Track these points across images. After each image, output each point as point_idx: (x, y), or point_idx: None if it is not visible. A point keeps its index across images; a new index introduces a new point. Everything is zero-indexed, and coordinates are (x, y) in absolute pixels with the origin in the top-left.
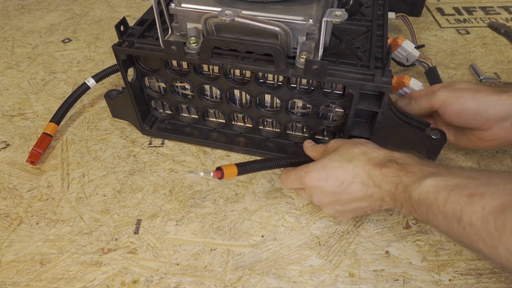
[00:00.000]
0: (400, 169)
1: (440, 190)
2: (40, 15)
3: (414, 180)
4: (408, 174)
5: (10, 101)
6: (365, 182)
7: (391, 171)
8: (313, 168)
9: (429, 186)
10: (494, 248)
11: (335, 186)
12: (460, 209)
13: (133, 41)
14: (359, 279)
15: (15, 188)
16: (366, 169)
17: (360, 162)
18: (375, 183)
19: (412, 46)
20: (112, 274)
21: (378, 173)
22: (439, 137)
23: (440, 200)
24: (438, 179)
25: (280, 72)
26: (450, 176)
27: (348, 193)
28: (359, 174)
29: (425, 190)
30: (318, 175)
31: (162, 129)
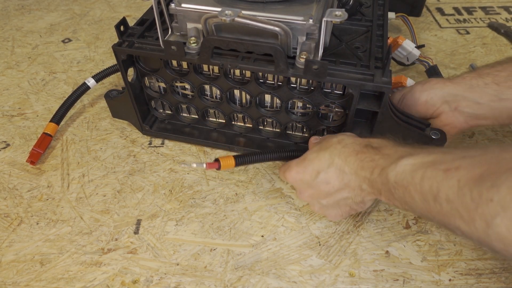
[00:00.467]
0: (375, 153)
1: (417, 169)
2: (40, 15)
3: (390, 161)
4: (384, 157)
5: (10, 101)
6: (341, 169)
7: (367, 156)
8: (294, 162)
9: (405, 165)
10: (471, 222)
11: (312, 177)
12: (436, 185)
13: (133, 41)
14: (359, 279)
15: (15, 188)
16: (342, 156)
17: (335, 150)
18: (351, 169)
19: (412, 46)
20: (112, 274)
21: (354, 159)
22: (439, 137)
23: (416, 179)
24: (414, 157)
25: (280, 72)
26: (426, 154)
27: (325, 183)
28: (334, 161)
29: (401, 170)
30: (297, 167)
31: (162, 129)
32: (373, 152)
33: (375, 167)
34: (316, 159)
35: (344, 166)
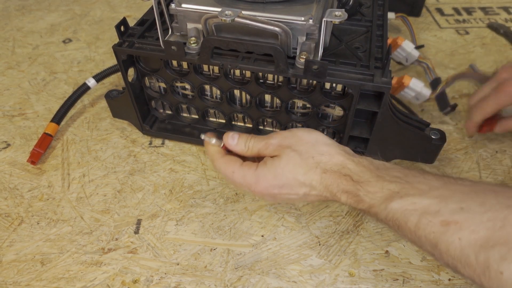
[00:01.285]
0: (357, 188)
1: (409, 214)
2: (40, 16)
3: (378, 202)
4: (368, 195)
5: (11, 101)
6: (324, 194)
7: (349, 189)
8: (263, 177)
9: (395, 210)
10: (476, 277)
11: (290, 196)
12: (434, 237)
13: (134, 41)
14: (359, 279)
15: (15, 188)
16: (324, 183)
17: (315, 175)
18: (333, 195)
19: (411, 47)
20: (113, 274)
21: (336, 188)
22: (439, 137)
23: (410, 225)
24: (404, 201)
25: (280, 72)
26: (417, 196)
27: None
28: (315, 187)
29: (392, 213)
30: (270, 187)
31: (162, 129)
32: (355, 186)
33: (361, 202)
34: (294, 182)
35: (323, 191)
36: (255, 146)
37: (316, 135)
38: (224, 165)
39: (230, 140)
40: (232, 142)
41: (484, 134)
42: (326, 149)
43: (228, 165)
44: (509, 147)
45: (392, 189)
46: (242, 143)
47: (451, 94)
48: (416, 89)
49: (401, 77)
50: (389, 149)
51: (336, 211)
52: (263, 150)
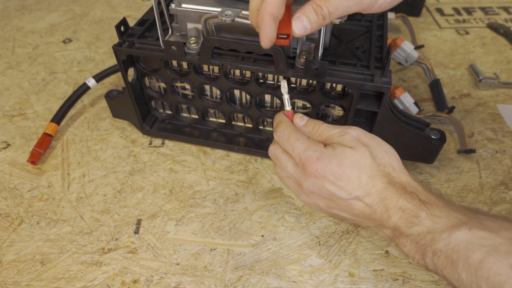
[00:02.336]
0: (421, 208)
1: (474, 249)
2: (40, 16)
3: (441, 228)
4: (432, 218)
5: (11, 101)
6: (374, 206)
7: (410, 207)
8: (327, 159)
9: (460, 240)
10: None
11: (339, 193)
12: (499, 279)
13: (134, 41)
14: (359, 279)
15: (15, 188)
16: (383, 194)
17: (380, 183)
18: (386, 211)
19: (411, 47)
20: (113, 274)
21: (394, 203)
22: (439, 137)
23: (473, 261)
24: (472, 234)
25: (280, 72)
26: (487, 232)
27: (347, 206)
28: (372, 195)
29: (454, 243)
30: (328, 171)
31: (162, 129)
32: (419, 206)
33: (417, 225)
34: (355, 179)
35: (379, 205)
36: (324, 132)
37: (392, 149)
38: (290, 130)
39: (299, 120)
40: (300, 122)
41: (484, 134)
42: (398, 165)
43: (296, 132)
44: (509, 147)
45: (459, 219)
46: (310, 126)
47: (450, 95)
48: (405, 103)
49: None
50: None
51: None
52: (335, 137)
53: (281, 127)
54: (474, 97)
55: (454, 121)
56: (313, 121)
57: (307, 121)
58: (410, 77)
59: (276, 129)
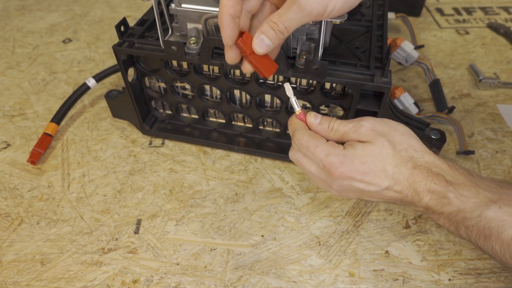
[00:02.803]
0: (449, 189)
1: (506, 226)
2: (40, 16)
3: (471, 207)
4: (460, 198)
5: (11, 101)
6: (404, 192)
7: (438, 188)
8: (349, 161)
9: (491, 218)
10: None
11: (369, 187)
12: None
13: (134, 41)
14: (359, 279)
15: (15, 188)
16: (411, 179)
17: (405, 169)
18: (417, 194)
19: (411, 47)
20: (113, 274)
21: (423, 186)
22: (439, 137)
23: (505, 237)
24: (503, 211)
25: (280, 72)
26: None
27: (379, 195)
28: (400, 182)
29: (485, 221)
30: (354, 172)
31: (162, 129)
32: (447, 188)
33: (447, 204)
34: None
35: (408, 189)
36: (340, 129)
37: (408, 128)
38: (307, 137)
39: (313, 119)
40: (314, 121)
41: (484, 134)
42: (418, 144)
43: (313, 138)
44: (509, 147)
45: (489, 197)
46: (325, 123)
47: (450, 95)
48: (405, 103)
49: (395, 87)
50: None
51: (336, 211)
52: (351, 132)
53: (297, 135)
54: (474, 97)
55: (454, 122)
56: (327, 118)
57: (321, 119)
58: (410, 77)
59: (293, 137)
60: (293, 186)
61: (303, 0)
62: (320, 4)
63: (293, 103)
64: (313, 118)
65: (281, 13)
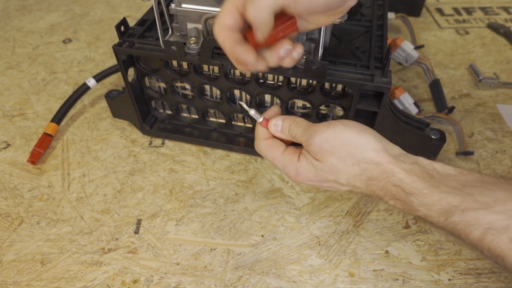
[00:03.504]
0: (410, 199)
1: (472, 228)
2: (40, 16)
3: (435, 214)
4: (424, 206)
5: (11, 101)
6: (369, 193)
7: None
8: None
9: (456, 223)
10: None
11: (333, 188)
12: (501, 251)
13: (134, 42)
14: (359, 279)
15: (16, 188)
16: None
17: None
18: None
19: (411, 47)
20: (113, 274)
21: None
22: (439, 137)
23: (473, 237)
24: (466, 216)
25: (280, 72)
26: (481, 211)
27: (347, 191)
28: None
29: (452, 225)
30: (310, 180)
31: (162, 129)
32: (408, 197)
33: (415, 210)
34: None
35: (363, 189)
36: (298, 137)
37: (365, 137)
38: (265, 149)
39: (274, 128)
40: (275, 129)
41: (484, 134)
42: (373, 156)
43: (270, 150)
44: (509, 147)
45: (451, 202)
46: (286, 131)
47: (450, 95)
48: (405, 103)
49: (394, 87)
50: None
51: (336, 211)
52: (305, 145)
53: (257, 146)
54: (474, 97)
55: (453, 122)
56: (287, 123)
57: (281, 128)
58: (410, 77)
59: (255, 142)
60: (293, 186)
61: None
62: None
63: (253, 116)
64: (273, 128)
65: None
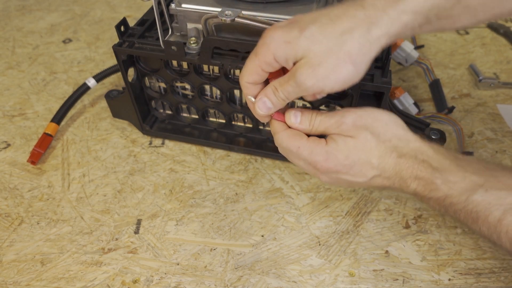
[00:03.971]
0: (436, 176)
1: (492, 209)
2: (40, 16)
3: (459, 192)
4: (447, 184)
5: (11, 101)
6: (392, 179)
7: (425, 175)
8: (333, 156)
9: (477, 202)
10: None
11: (357, 179)
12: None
13: (134, 42)
14: (359, 279)
15: (16, 188)
16: (397, 168)
17: (390, 159)
18: (404, 181)
19: (411, 47)
20: (113, 274)
21: (409, 174)
22: (439, 137)
23: (492, 219)
24: (489, 195)
25: None
26: (504, 191)
27: (367, 184)
28: (387, 171)
29: (472, 205)
30: (339, 166)
31: (162, 129)
32: (433, 174)
33: (435, 190)
34: (366, 165)
35: (395, 177)
36: (321, 124)
37: (394, 117)
38: (288, 139)
39: (293, 119)
40: (295, 120)
41: (484, 134)
42: (403, 132)
43: (293, 139)
44: (509, 147)
45: (475, 181)
46: (306, 121)
47: (450, 95)
48: (405, 104)
49: (394, 87)
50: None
51: (336, 211)
52: (333, 128)
53: (277, 139)
54: (474, 97)
55: (453, 123)
56: (307, 115)
57: (301, 118)
58: (410, 77)
59: (274, 136)
60: (293, 186)
61: (299, 78)
62: (315, 85)
63: None
64: (293, 118)
65: (282, 83)
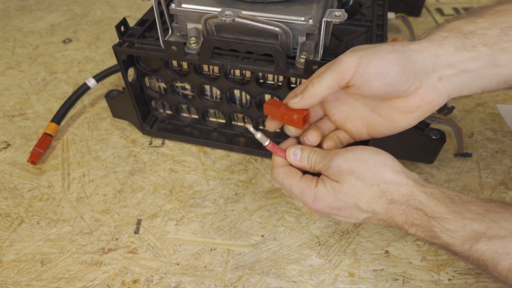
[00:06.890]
0: (433, 225)
1: (499, 258)
2: (40, 16)
3: (459, 241)
4: (446, 232)
5: (11, 101)
6: (388, 220)
7: (421, 223)
8: (321, 199)
9: (483, 251)
10: None
11: (348, 219)
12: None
13: (134, 42)
14: (359, 279)
15: (16, 188)
16: (389, 213)
17: (379, 205)
18: (401, 226)
19: None
20: (113, 274)
21: (404, 221)
22: (439, 137)
23: (501, 268)
24: (493, 244)
25: (280, 72)
26: (509, 238)
27: (363, 222)
28: (379, 213)
29: (478, 254)
30: (327, 208)
31: (162, 129)
32: (429, 222)
33: (435, 238)
34: (355, 209)
35: (389, 219)
36: (317, 164)
37: (384, 158)
38: (283, 176)
39: (293, 157)
40: (294, 158)
41: (484, 134)
42: (393, 176)
43: (287, 177)
44: (509, 147)
45: (476, 229)
46: (305, 159)
47: None
48: None
49: None
50: (389, 150)
51: None
52: (323, 170)
53: (273, 173)
54: (474, 97)
55: (452, 124)
56: (305, 151)
57: (301, 156)
58: None
59: (271, 170)
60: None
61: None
62: None
63: (260, 139)
64: (292, 157)
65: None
